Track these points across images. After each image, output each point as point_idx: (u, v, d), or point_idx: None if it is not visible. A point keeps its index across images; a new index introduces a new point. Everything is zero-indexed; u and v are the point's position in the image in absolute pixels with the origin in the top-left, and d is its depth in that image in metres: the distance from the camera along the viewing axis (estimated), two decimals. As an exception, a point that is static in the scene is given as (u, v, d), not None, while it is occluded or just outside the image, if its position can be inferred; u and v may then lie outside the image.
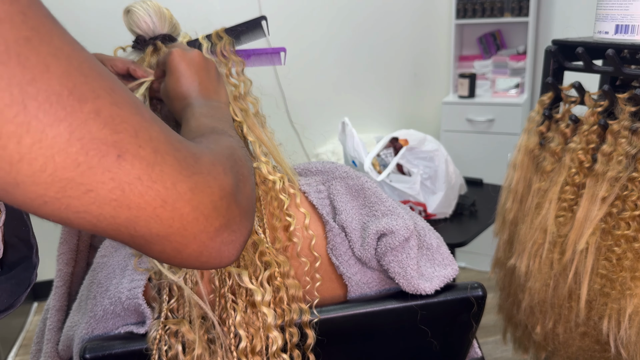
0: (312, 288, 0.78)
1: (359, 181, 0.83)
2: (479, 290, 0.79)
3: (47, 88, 0.30)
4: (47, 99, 0.30)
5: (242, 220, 0.42)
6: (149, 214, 0.35)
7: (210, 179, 0.39)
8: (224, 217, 0.39)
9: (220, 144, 0.47)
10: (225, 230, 0.40)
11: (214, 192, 0.38)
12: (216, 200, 0.39)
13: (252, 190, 0.46)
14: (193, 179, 0.37)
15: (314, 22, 2.59)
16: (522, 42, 2.63)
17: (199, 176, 0.38)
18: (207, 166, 0.39)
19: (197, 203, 0.37)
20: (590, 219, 0.92)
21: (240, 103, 0.77)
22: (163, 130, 0.37)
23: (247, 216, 0.43)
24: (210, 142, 0.47)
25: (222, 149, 0.45)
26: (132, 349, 0.71)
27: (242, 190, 0.43)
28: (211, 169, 0.39)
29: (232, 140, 0.51)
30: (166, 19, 0.77)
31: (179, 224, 0.37)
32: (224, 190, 0.39)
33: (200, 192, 0.37)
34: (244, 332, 0.71)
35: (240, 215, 0.41)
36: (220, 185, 0.39)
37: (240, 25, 0.78)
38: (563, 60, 1.03)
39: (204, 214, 0.38)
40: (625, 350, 0.91)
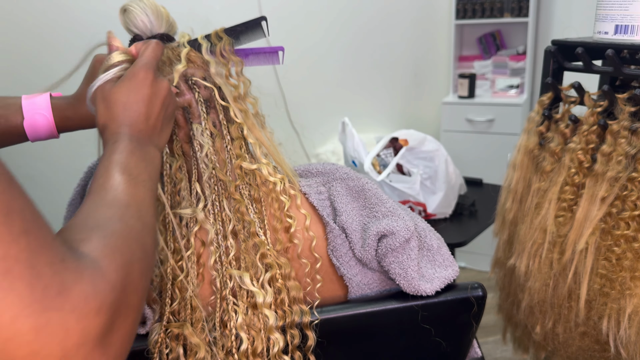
0: (313, 289, 0.78)
1: (359, 182, 0.83)
2: (478, 290, 0.79)
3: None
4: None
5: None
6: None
7: (70, 319, 0.32)
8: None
9: (117, 257, 0.38)
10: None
11: (69, 337, 0.31)
12: (69, 348, 0.31)
13: (135, 321, 0.39)
14: (45, 316, 0.30)
15: (314, 22, 2.59)
16: (521, 43, 2.63)
17: (54, 313, 0.31)
18: (75, 301, 0.32)
19: (39, 347, 0.30)
20: (590, 219, 0.92)
21: (239, 104, 0.77)
22: (31, 247, 0.31)
23: (118, 356, 0.36)
24: (107, 251, 0.38)
25: (115, 269, 0.37)
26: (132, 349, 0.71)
27: (118, 328, 0.36)
28: (79, 305, 0.32)
29: (139, 240, 0.43)
30: (163, 18, 0.76)
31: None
32: (86, 335, 0.32)
33: (49, 334, 0.30)
34: (245, 334, 0.71)
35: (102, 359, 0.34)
36: (83, 329, 0.32)
37: (239, 26, 0.77)
38: (563, 61, 1.03)
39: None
40: (625, 350, 0.91)
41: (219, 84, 0.75)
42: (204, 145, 0.74)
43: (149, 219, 0.48)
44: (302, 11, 2.55)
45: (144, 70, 0.62)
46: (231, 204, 0.75)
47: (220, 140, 0.75)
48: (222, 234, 0.74)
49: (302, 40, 2.55)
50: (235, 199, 0.74)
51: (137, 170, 0.53)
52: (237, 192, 0.75)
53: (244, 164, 0.75)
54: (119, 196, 0.48)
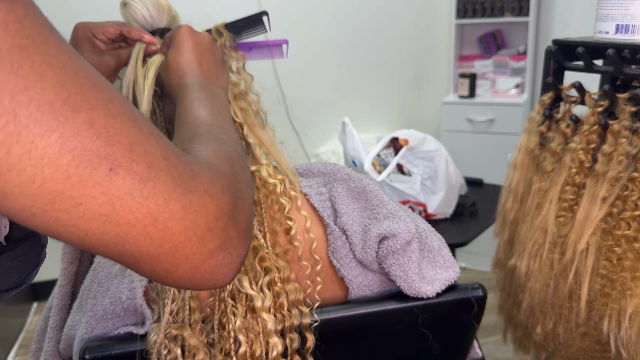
0: (313, 291, 0.78)
1: (360, 183, 0.83)
2: (479, 290, 0.79)
3: (39, 97, 0.29)
4: (39, 108, 0.29)
5: (240, 241, 0.40)
6: (139, 231, 0.34)
7: (206, 198, 0.37)
8: (219, 239, 0.38)
9: (219, 154, 0.45)
10: (220, 252, 0.38)
11: (209, 212, 0.37)
12: (211, 221, 0.37)
13: (250, 206, 0.44)
14: (187, 197, 0.35)
15: (314, 21, 2.59)
16: (522, 42, 2.63)
17: (194, 194, 0.36)
18: (205, 184, 0.37)
19: (190, 223, 0.36)
20: (591, 219, 0.92)
21: (240, 102, 0.76)
22: (160, 144, 0.36)
23: (245, 236, 0.41)
24: (209, 151, 0.45)
25: (221, 162, 0.43)
26: (131, 350, 0.71)
27: (240, 208, 0.41)
28: (208, 187, 0.38)
29: (230, 146, 0.50)
30: (164, 11, 0.75)
31: (169, 244, 0.35)
32: (220, 210, 0.38)
33: (195, 212, 0.36)
34: (244, 337, 0.70)
35: (238, 236, 0.40)
36: (217, 205, 0.37)
37: (240, 21, 0.76)
38: (563, 60, 1.03)
39: (197, 235, 0.36)
40: (626, 351, 0.91)
41: None
42: None
43: (234, 135, 0.54)
44: (301, 11, 2.55)
45: (185, 29, 0.69)
46: None
47: None
48: None
49: (302, 40, 2.55)
50: None
51: (210, 103, 0.59)
52: None
53: None
54: (201, 120, 0.54)
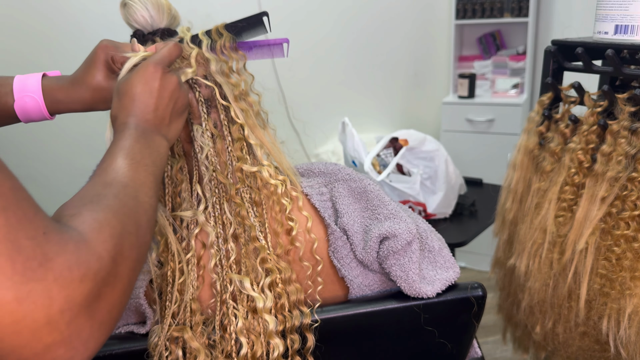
0: (314, 291, 0.78)
1: (361, 184, 0.83)
2: (479, 290, 0.79)
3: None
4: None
5: (92, 333, 0.37)
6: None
7: (54, 288, 0.33)
8: (61, 334, 0.34)
9: (108, 229, 0.40)
10: (60, 347, 0.34)
11: (53, 304, 0.33)
12: (54, 314, 0.33)
13: (124, 292, 0.40)
14: (27, 286, 0.32)
15: (314, 22, 2.59)
16: (521, 43, 2.63)
17: (37, 284, 0.33)
18: (58, 270, 0.34)
19: (22, 315, 0.32)
20: (590, 219, 0.92)
21: (241, 103, 0.75)
22: (9, 223, 0.32)
23: (102, 327, 0.38)
24: (97, 223, 0.40)
25: (102, 240, 0.39)
26: (132, 349, 0.71)
27: (105, 297, 0.38)
28: (62, 274, 0.34)
29: (132, 217, 0.45)
30: (164, 11, 0.74)
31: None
32: (71, 301, 0.34)
33: (32, 303, 0.33)
34: (245, 339, 0.71)
35: (91, 327, 0.36)
36: (67, 296, 0.34)
37: (241, 21, 0.76)
38: (563, 61, 1.03)
39: (31, 328, 0.33)
40: (625, 350, 0.91)
41: (220, 82, 0.74)
42: (204, 147, 0.73)
43: (147, 199, 0.50)
44: (302, 11, 2.55)
45: (153, 64, 0.64)
46: (232, 207, 0.74)
47: (222, 142, 0.74)
48: (222, 237, 0.74)
49: (302, 40, 2.55)
50: (236, 203, 0.74)
51: (140, 156, 0.55)
52: (237, 196, 0.74)
53: (245, 167, 0.74)
54: (118, 177, 0.50)
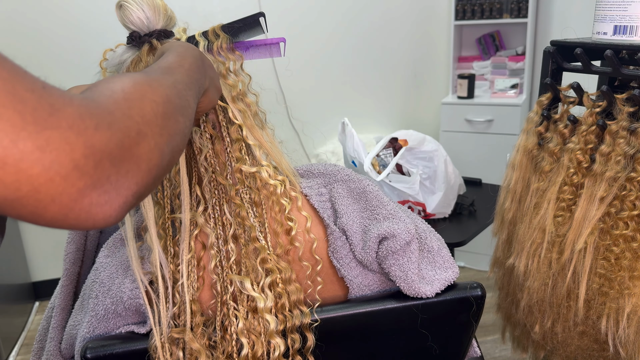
0: (314, 291, 0.78)
1: (360, 184, 0.83)
2: (478, 290, 0.79)
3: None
4: None
5: (121, 180, 0.37)
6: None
7: (70, 135, 0.34)
8: (90, 177, 0.35)
9: (126, 93, 0.41)
10: (92, 190, 0.35)
11: (74, 149, 0.34)
12: (78, 159, 0.34)
13: (153, 148, 0.41)
14: (44, 134, 0.33)
15: (314, 22, 2.59)
16: (520, 43, 2.63)
17: (52, 131, 0.33)
18: (69, 119, 0.34)
19: (49, 162, 0.33)
20: (589, 218, 0.92)
21: (238, 104, 0.75)
22: (7, 77, 0.32)
23: (130, 176, 0.39)
24: (117, 87, 0.41)
25: (117, 100, 0.40)
26: (133, 349, 0.71)
27: (131, 148, 0.38)
28: (75, 122, 0.34)
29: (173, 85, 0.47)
30: (160, 12, 0.74)
31: (28, 187, 0.33)
32: (91, 147, 0.35)
33: (54, 150, 0.33)
34: (246, 339, 0.71)
35: (118, 174, 0.37)
36: (85, 142, 0.35)
37: (237, 22, 0.76)
38: (562, 61, 1.03)
39: (61, 175, 0.33)
40: (624, 349, 0.92)
41: None
42: (203, 149, 0.73)
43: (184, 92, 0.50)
44: (302, 12, 2.55)
45: None
46: (231, 208, 0.74)
47: (220, 143, 0.74)
48: (222, 238, 0.74)
49: (302, 41, 2.56)
50: (235, 204, 0.74)
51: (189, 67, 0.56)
52: (237, 197, 0.74)
53: (244, 167, 0.74)
54: (161, 64, 0.52)
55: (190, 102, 0.51)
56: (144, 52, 0.74)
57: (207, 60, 0.66)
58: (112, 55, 0.76)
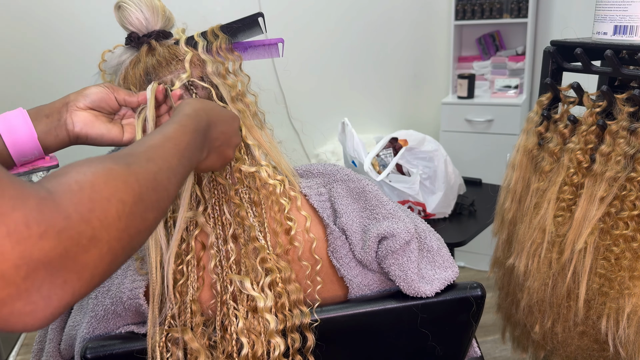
0: (313, 291, 0.78)
1: (360, 184, 0.83)
2: (478, 290, 0.79)
3: None
4: None
5: (55, 290, 0.36)
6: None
7: (5, 243, 0.33)
8: (17, 288, 0.33)
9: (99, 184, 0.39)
10: (16, 300, 0.34)
11: (5, 260, 0.33)
12: (5, 269, 0.33)
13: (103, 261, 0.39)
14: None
15: (314, 23, 2.59)
16: (521, 43, 2.63)
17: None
18: (12, 225, 0.33)
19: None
20: (589, 218, 0.92)
21: (238, 104, 0.76)
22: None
23: (68, 287, 0.36)
24: (85, 178, 0.39)
25: (83, 196, 0.38)
26: (133, 349, 0.71)
27: (77, 259, 0.36)
28: (17, 229, 0.33)
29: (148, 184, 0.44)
30: (159, 13, 0.74)
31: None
32: (26, 257, 0.33)
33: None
34: (246, 339, 0.71)
35: (52, 285, 0.35)
36: (22, 252, 0.33)
37: (236, 22, 0.76)
38: (562, 61, 1.03)
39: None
40: (624, 349, 0.92)
41: (217, 84, 0.74)
42: None
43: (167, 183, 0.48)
44: (302, 12, 2.55)
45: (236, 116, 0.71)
46: (231, 207, 0.74)
47: None
48: (222, 238, 0.74)
49: (302, 41, 2.56)
50: (235, 203, 0.74)
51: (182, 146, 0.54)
52: (236, 196, 0.74)
53: (243, 167, 0.74)
54: (146, 149, 0.49)
55: (170, 192, 0.49)
56: (143, 52, 0.74)
57: (220, 127, 0.64)
58: (111, 57, 0.76)
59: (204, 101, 0.66)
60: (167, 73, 0.73)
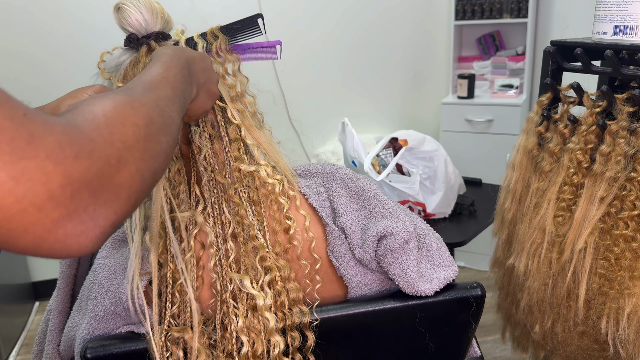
0: (313, 290, 0.78)
1: (359, 183, 0.83)
2: (477, 289, 0.79)
3: None
4: None
5: (99, 210, 0.37)
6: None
7: (48, 164, 0.33)
8: (66, 208, 0.35)
9: (107, 117, 0.40)
10: (68, 221, 0.35)
11: (51, 180, 0.33)
12: (54, 189, 0.34)
13: (133, 179, 0.40)
14: (19, 164, 0.32)
15: (314, 22, 2.59)
16: (521, 43, 2.63)
17: (29, 161, 0.33)
18: (49, 148, 0.34)
19: (23, 193, 0.33)
20: (589, 218, 0.92)
21: (237, 104, 0.76)
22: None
23: (109, 206, 0.38)
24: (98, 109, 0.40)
25: (98, 125, 0.39)
26: (133, 349, 0.71)
27: (110, 178, 0.38)
28: (54, 151, 0.34)
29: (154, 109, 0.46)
30: (158, 15, 0.75)
31: (1, 217, 0.32)
32: (69, 177, 0.34)
33: (28, 181, 0.33)
34: (246, 337, 0.71)
35: (96, 204, 0.37)
36: (63, 172, 0.34)
37: (235, 23, 0.77)
38: (562, 61, 1.03)
39: (35, 205, 0.33)
40: (624, 349, 0.92)
41: None
42: (203, 148, 0.73)
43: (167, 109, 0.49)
44: (302, 12, 2.55)
45: None
46: (230, 206, 0.75)
47: (219, 142, 0.75)
48: (221, 237, 0.74)
49: (302, 41, 2.56)
50: (234, 202, 0.74)
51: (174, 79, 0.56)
52: (236, 195, 0.74)
53: (242, 166, 0.75)
54: (144, 80, 0.51)
55: (174, 118, 0.50)
56: (142, 53, 0.74)
57: (198, 64, 0.65)
58: (109, 58, 0.77)
59: (174, 46, 0.66)
60: None
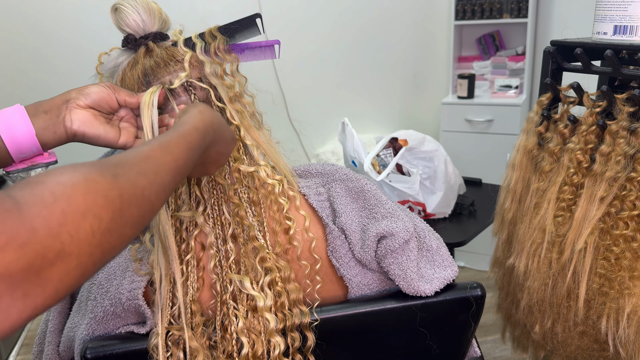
0: (313, 290, 0.78)
1: (359, 183, 0.83)
2: (477, 290, 0.79)
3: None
4: None
5: (15, 304, 0.35)
6: None
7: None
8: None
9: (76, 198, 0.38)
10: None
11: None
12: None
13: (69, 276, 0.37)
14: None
15: (314, 23, 2.59)
16: (520, 43, 2.63)
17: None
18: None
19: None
20: (589, 218, 0.92)
21: (236, 105, 0.76)
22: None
23: (29, 301, 0.35)
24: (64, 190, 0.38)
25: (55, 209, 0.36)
26: (133, 349, 0.71)
27: (41, 272, 0.35)
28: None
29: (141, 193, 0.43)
30: (155, 15, 0.75)
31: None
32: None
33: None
34: (246, 338, 0.71)
35: (12, 298, 0.34)
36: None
37: (234, 23, 0.76)
38: (562, 61, 1.03)
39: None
40: (624, 349, 0.92)
41: (215, 84, 0.74)
42: None
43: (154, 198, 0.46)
44: (302, 12, 2.55)
45: None
46: (230, 207, 0.75)
47: None
48: (221, 237, 0.74)
49: (302, 40, 2.56)
50: (234, 203, 0.74)
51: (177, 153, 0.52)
52: (235, 196, 0.74)
53: (242, 167, 0.75)
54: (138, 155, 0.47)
55: (155, 206, 0.46)
56: (141, 54, 0.74)
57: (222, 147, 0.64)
58: (107, 59, 0.77)
59: (215, 114, 0.63)
60: (166, 74, 0.73)
